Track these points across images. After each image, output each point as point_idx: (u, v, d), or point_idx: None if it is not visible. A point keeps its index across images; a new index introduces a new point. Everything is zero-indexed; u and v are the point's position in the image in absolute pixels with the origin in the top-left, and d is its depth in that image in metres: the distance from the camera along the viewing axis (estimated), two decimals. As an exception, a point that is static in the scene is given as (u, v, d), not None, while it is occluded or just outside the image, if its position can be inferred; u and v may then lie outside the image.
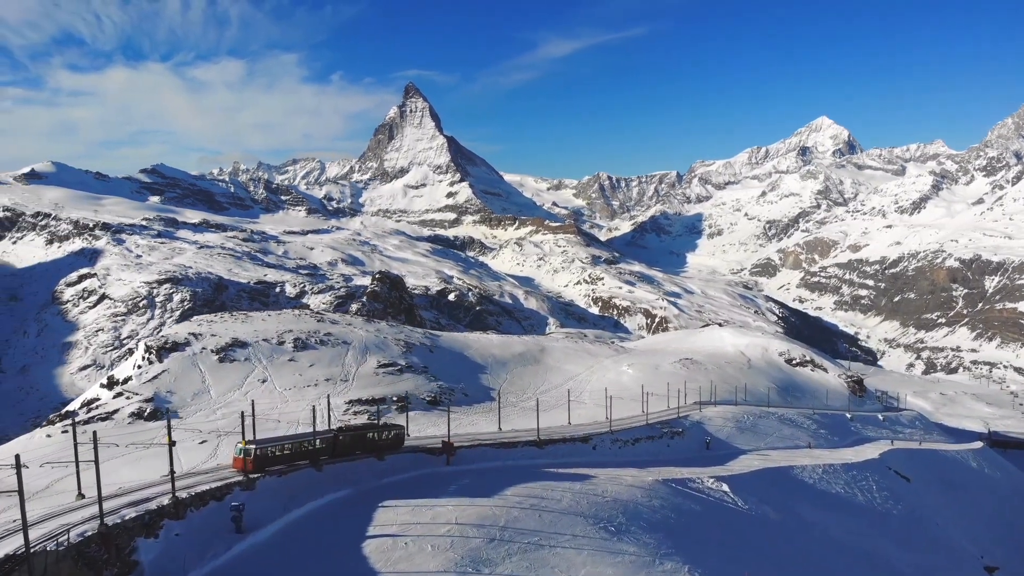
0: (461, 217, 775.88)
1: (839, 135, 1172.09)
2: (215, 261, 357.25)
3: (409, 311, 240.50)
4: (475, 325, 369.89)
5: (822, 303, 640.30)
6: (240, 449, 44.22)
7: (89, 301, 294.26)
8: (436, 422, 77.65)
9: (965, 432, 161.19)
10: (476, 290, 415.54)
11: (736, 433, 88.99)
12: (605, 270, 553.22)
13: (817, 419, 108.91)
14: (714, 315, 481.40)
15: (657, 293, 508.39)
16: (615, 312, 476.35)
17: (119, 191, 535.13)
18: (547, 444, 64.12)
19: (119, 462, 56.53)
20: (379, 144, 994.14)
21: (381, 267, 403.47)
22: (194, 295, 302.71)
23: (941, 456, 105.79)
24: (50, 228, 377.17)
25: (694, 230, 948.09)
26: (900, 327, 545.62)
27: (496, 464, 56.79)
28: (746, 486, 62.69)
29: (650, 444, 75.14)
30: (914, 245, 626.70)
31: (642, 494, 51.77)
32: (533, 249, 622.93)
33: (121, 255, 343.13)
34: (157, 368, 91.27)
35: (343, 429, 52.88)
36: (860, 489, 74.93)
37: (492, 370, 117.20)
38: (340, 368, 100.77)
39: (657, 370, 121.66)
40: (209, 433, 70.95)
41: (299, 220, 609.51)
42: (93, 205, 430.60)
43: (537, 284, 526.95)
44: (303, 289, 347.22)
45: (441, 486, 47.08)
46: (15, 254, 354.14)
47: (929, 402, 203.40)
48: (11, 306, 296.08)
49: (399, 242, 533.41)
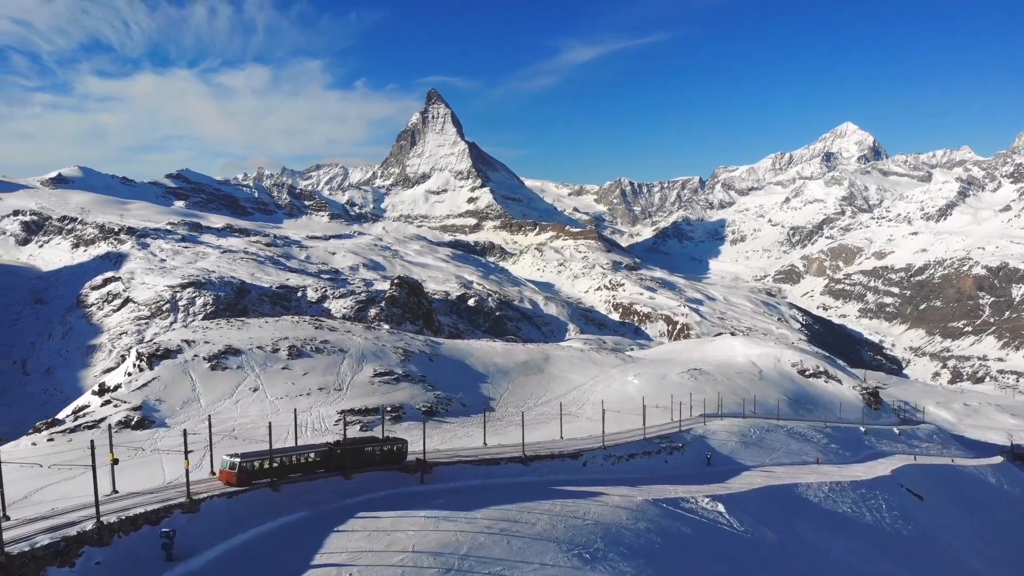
0: (482, 222, 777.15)
1: (864, 141, 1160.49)
2: (238, 265, 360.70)
3: (427, 316, 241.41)
4: (494, 331, 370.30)
5: (846, 311, 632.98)
6: (226, 461, 43.26)
7: (113, 304, 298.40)
8: (431, 434, 75.43)
9: (987, 445, 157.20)
10: (496, 295, 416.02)
11: (740, 448, 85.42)
12: (626, 276, 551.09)
13: (829, 433, 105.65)
14: (736, 322, 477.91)
15: (679, 300, 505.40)
16: (636, 318, 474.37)
17: (145, 196, 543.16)
18: (533, 461, 61.13)
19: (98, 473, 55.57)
20: (401, 150, 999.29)
21: (402, 272, 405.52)
22: (216, 299, 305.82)
23: (958, 472, 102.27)
24: (76, 232, 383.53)
25: (717, 236, 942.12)
26: (926, 336, 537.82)
27: (475, 483, 53.63)
28: (744, 506, 60.01)
29: (646, 460, 72.00)
30: (940, 252, 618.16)
31: (627, 516, 48.83)
32: (553, 255, 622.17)
33: (145, 259, 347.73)
34: (148, 375, 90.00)
35: (340, 443, 51.33)
36: (868, 508, 71.68)
37: (493, 379, 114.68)
38: (335, 377, 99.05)
39: (664, 380, 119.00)
40: (193, 444, 68.86)
41: (322, 225, 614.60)
42: (119, 209, 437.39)
43: (557, 290, 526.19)
44: (324, 294, 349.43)
45: (409, 507, 44.19)
46: (41, 258, 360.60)
47: (952, 413, 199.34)
48: (37, 309, 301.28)
49: (420, 247, 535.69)
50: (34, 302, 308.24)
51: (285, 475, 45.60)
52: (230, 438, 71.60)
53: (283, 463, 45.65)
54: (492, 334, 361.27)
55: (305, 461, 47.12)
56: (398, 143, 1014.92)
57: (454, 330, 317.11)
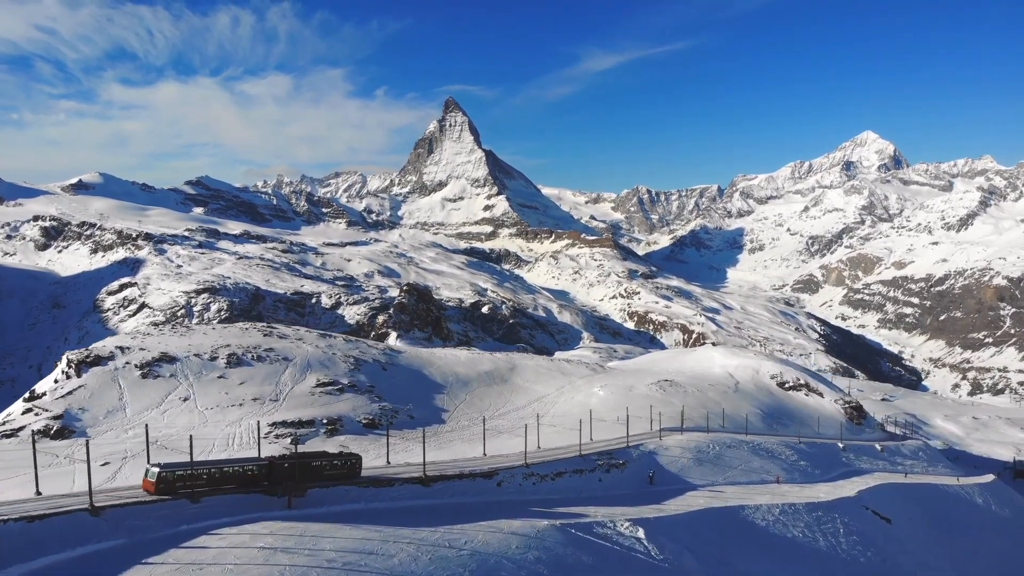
0: (498, 230, 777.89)
1: (885, 149, 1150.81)
2: (254, 271, 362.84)
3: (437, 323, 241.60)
4: (508, 338, 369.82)
5: (865, 321, 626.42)
6: (147, 470, 42.91)
7: (129, 310, 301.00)
8: (366, 448, 70.78)
9: (990, 461, 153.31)
10: (510, 303, 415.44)
11: (692, 465, 78.65)
12: (642, 284, 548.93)
13: (801, 449, 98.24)
14: (753, 332, 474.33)
15: (695, 309, 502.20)
16: (651, 327, 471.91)
17: (164, 202, 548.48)
18: (436, 481, 54.77)
19: (13, 482, 52.56)
20: (419, 158, 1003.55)
21: (417, 279, 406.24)
22: (231, 305, 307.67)
23: (941, 492, 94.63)
24: (95, 238, 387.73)
25: (735, 245, 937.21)
26: (946, 346, 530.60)
27: (356, 507, 47.65)
28: (672, 530, 54.13)
29: (576, 479, 65.40)
30: (961, 262, 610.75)
31: (519, 544, 42.59)
32: (569, 262, 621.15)
33: (162, 265, 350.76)
34: (74, 383, 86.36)
35: (287, 456, 49.39)
36: (824, 533, 65.46)
37: (451, 390, 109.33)
38: (273, 387, 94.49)
39: (630, 392, 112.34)
40: (112, 455, 65.57)
41: (339, 232, 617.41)
42: (138, 215, 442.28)
43: (572, 298, 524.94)
44: (338, 300, 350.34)
45: (255, 536, 38.42)
46: (60, 263, 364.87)
47: (960, 427, 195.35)
48: (54, 313, 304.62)
49: (435, 254, 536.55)
50: (52, 307, 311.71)
51: (217, 487, 43.85)
52: (152, 448, 67.41)
53: (212, 475, 43.78)
54: (505, 342, 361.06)
55: (243, 474, 45.20)
56: (415, 151, 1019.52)
57: (464, 337, 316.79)
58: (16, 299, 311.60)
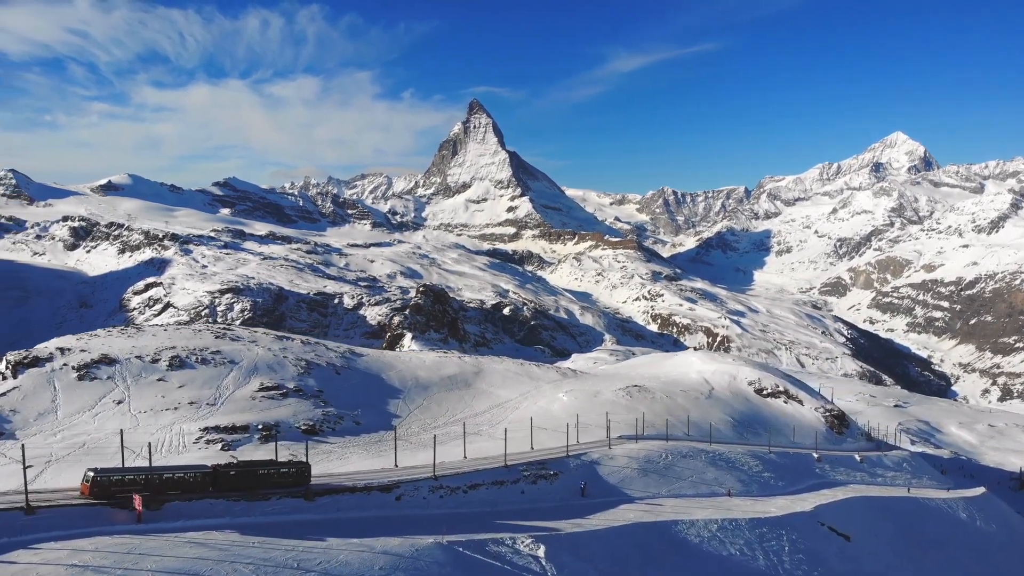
0: (520, 231, 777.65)
1: (915, 151, 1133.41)
2: (277, 272, 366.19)
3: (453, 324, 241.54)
4: (528, 340, 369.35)
5: (894, 324, 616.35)
6: (85, 474, 42.89)
7: (154, 309, 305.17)
8: (300, 456, 65.94)
9: (996, 471, 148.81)
10: (531, 304, 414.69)
11: (635, 476, 72.77)
12: (665, 286, 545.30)
13: (769, 459, 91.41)
14: (779, 335, 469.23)
15: (719, 311, 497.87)
16: (674, 330, 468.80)
17: (192, 203, 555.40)
18: (323, 495, 50.17)
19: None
20: (443, 159, 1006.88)
21: (439, 280, 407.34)
22: (254, 305, 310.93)
23: (920, 506, 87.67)
24: (122, 238, 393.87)
25: (762, 247, 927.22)
26: (976, 351, 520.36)
27: (219, 522, 42.90)
28: (583, 548, 49.59)
29: (494, 491, 60.00)
30: (992, 266, 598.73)
31: (385, 564, 38.03)
32: (592, 264, 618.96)
33: (187, 265, 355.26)
34: (9, 384, 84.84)
35: (232, 464, 48.37)
36: (765, 551, 59.63)
37: (408, 395, 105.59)
38: (213, 390, 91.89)
39: (595, 398, 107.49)
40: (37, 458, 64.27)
41: (364, 233, 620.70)
42: (165, 216, 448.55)
43: (595, 300, 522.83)
44: (360, 301, 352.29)
45: (70, 554, 34.30)
46: (88, 262, 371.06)
47: (974, 434, 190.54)
48: (82, 312, 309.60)
49: (457, 255, 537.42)
50: (79, 306, 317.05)
51: (158, 493, 43.25)
52: (80, 452, 67.78)
53: (151, 481, 43.21)
54: (525, 343, 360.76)
55: (185, 480, 44.64)
56: (440, 153, 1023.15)
57: (481, 339, 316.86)
58: (44, 298, 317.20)
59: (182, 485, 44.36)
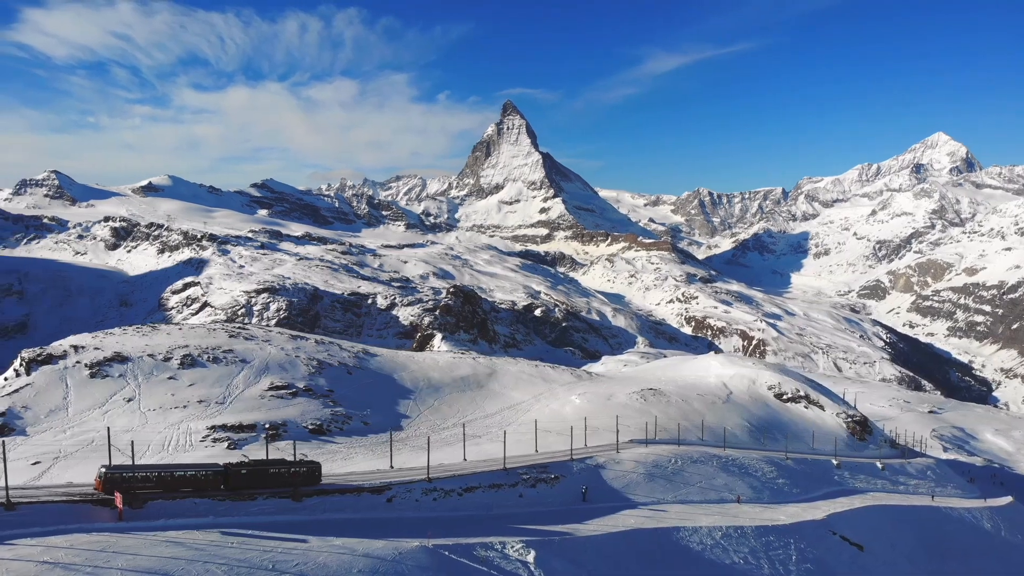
0: (553, 233, 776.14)
1: (956, 152, 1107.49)
2: (312, 272, 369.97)
3: (482, 325, 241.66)
4: (559, 341, 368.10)
5: (934, 329, 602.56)
6: (99, 470, 43.37)
7: (192, 308, 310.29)
8: (309, 455, 68.18)
9: None
10: (563, 306, 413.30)
11: (641, 481, 70.94)
12: (700, 288, 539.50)
13: (785, 465, 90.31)
14: (816, 339, 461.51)
15: (755, 314, 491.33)
16: (709, 333, 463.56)
17: (230, 204, 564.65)
18: (311, 496, 49.44)
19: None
20: (476, 161, 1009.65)
21: (471, 281, 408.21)
22: (290, 304, 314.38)
23: (942, 515, 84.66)
24: (162, 238, 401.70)
25: (799, 249, 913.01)
26: (1018, 356, 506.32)
27: (204, 520, 42.63)
28: (577, 554, 48.10)
29: (490, 494, 58.81)
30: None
31: (364, 568, 36.97)
32: (625, 266, 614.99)
33: (225, 265, 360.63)
34: (22, 381, 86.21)
35: (243, 463, 48.58)
36: (771, 560, 57.84)
37: (420, 396, 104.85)
38: (223, 389, 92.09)
39: (608, 401, 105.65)
40: (45, 454, 65.49)
41: (398, 234, 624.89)
42: (204, 217, 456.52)
43: (627, 302, 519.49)
44: (393, 301, 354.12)
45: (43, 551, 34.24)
46: (129, 262, 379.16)
47: (1011, 441, 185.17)
48: (122, 311, 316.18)
49: (489, 257, 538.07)
50: (120, 304, 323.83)
51: (169, 491, 43.71)
52: (87, 449, 68.12)
53: (163, 478, 43.63)
54: (556, 345, 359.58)
55: (196, 478, 44.92)
56: (473, 154, 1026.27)
57: (510, 340, 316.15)
58: (86, 297, 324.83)
59: (194, 483, 44.57)
